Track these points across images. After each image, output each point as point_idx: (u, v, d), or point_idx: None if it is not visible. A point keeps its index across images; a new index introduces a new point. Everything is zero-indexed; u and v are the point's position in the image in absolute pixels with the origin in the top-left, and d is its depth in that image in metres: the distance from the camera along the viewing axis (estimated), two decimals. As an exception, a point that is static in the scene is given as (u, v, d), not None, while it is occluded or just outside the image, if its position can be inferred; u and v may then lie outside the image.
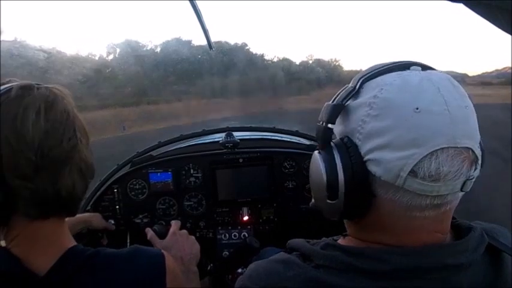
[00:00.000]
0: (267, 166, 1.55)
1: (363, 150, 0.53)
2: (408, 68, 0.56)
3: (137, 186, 1.58)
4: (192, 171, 1.59)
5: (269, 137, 1.79)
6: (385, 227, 0.55)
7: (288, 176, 1.58)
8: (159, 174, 1.56)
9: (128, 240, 1.57)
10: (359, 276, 0.53)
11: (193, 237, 1.17)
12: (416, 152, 0.49)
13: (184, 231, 1.18)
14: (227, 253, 1.52)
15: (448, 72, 0.57)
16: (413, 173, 0.49)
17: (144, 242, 1.50)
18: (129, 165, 1.62)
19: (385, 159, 0.51)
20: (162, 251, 0.77)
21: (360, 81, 0.56)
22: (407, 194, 0.51)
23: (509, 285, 0.57)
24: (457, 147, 0.50)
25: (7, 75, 0.69)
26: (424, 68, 0.57)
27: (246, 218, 1.58)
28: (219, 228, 1.58)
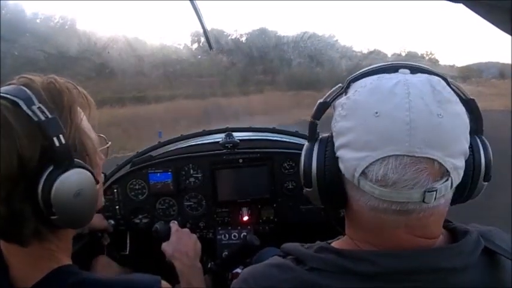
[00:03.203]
0: (267, 166, 1.55)
1: (335, 147, 0.57)
2: (396, 71, 0.55)
3: (137, 187, 1.58)
4: (191, 171, 1.59)
5: (269, 138, 1.79)
6: (362, 224, 0.57)
7: (287, 177, 1.58)
8: (158, 174, 1.55)
9: (128, 241, 1.57)
10: (352, 278, 0.53)
11: (194, 235, 1.21)
12: (369, 155, 0.50)
13: (186, 229, 1.22)
14: (227, 253, 1.52)
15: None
16: (364, 174, 0.51)
17: (144, 242, 1.51)
18: (128, 165, 1.62)
19: (345, 158, 0.54)
20: (161, 282, 0.69)
21: (348, 81, 0.59)
22: (365, 194, 0.53)
23: (508, 286, 0.57)
24: (415, 156, 0.48)
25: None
26: (415, 70, 0.56)
27: (245, 218, 1.57)
28: (219, 228, 1.58)
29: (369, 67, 0.58)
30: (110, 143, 0.77)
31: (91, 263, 1.35)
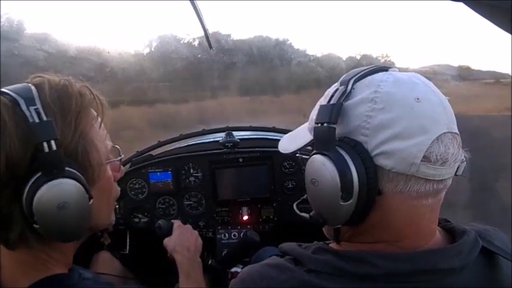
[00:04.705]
0: (267, 166, 1.55)
1: (370, 146, 0.53)
2: (387, 71, 0.59)
3: (137, 186, 1.58)
4: (191, 170, 1.59)
5: (269, 137, 1.79)
6: (387, 223, 0.55)
7: (287, 176, 1.58)
8: (158, 173, 1.55)
9: (128, 240, 1.57)
10: (351, 280, 0.53)
11: (196, 231, 1.23)
12: (426, 138, 0.51)
13: (188, 225, 1.25)
14: (227, 252, 1.52)
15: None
16: (426, 158, 0.51)
17: (144, 241, 1.51)
18: (128, 164, 1.62)
19: (397, 150, 0.51)
20: None
21: (351, 82, 0.57)
22: (418, 182, 0.52)
23: (505, 286, 0.57)
24: (452, 132, 0.54)
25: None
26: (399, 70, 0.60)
27: (245, 217, 1.57)
28: (219, 227, 1.58)
29: (365, 67, 0.59)
30: (122, 155, 0.73)
31: (92, 259, 1.36)
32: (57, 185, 0.55)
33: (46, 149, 0.54)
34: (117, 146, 0.72)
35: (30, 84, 0.59)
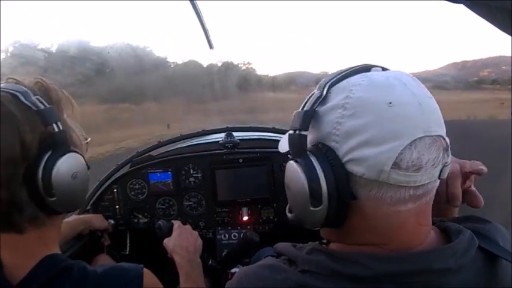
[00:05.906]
0: (267, 166, 1.55)
1: (341, 152, 0.53)
2: (369, 70, 0.58)
3: (137, 186, 1.58)
4: (191, 171, 1.59)
5: (269, 137, 1.79)
6: (369, 227, 0.55)
7: None
8: (158, 174, 1.56)
9: (128, 240, 1.57)
10: (344, 281, 0.53)
11: (196, 232, 1.23)
12: (397, 144, 0.50)
13: (188, 226, 1.24)
14: (227, 252, 1.52)
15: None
16: (396, 165, 0.50)
17: (144, 241, 1.51)
18: (128, 165, 1.62)
19: (367, 156, 0.50)
20: (143, 269, 0.75)
21: (327, 86, 0.56)
22: (391, 188, 0.51)
23: (506, 285, 0.57)
24: (431, 136, 0.52)
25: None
26: (383, 69, 0.59)
27: (245, 218, 1.57)
28: (219, 228, 1.58)
29: (343, 69, 0.58)
30: (89, 138, 0.81)
31: (91, 262, 1.36)
32: (69, 158, 0.66)
33: (56, 129, 0.64)
34: (83, 134, 0.81)
35: (14, 83, 0.66)
